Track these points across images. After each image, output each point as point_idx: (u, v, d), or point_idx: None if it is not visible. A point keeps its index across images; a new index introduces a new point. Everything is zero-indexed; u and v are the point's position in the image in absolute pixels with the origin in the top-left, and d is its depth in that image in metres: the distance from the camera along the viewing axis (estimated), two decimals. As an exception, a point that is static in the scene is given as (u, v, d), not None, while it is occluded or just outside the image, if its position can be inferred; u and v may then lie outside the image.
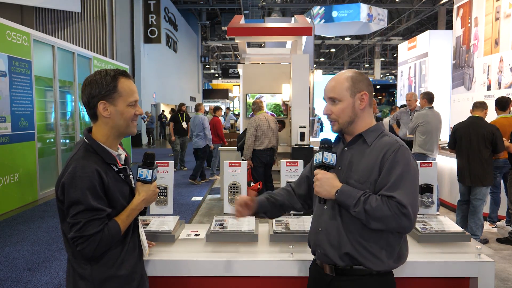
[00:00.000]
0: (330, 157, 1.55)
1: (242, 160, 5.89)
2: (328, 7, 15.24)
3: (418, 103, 6.57)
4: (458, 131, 4.65)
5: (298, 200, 1.82)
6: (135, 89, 1.56)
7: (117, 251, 1.50)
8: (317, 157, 1.57)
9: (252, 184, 5.40)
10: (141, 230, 1.67)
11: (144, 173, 1.55)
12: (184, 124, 9.49)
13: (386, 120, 7.65)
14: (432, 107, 5.67)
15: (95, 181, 1.41)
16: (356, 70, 1.65)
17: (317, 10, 15.21)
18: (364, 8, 14.24)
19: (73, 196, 1.39)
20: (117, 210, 1.50)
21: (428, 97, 5.67)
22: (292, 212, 2.12)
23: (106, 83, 1.48)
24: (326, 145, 1.58)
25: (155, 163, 1.61)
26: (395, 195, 1.43)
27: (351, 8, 14.32)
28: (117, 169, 1.53)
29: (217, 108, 9.58)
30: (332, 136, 1.72)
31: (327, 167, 1.55)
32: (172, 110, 16.67)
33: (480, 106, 4.68)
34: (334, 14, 14.73)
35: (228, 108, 21.02)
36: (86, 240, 1.39)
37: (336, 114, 1.58)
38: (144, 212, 1.65)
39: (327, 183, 1.51)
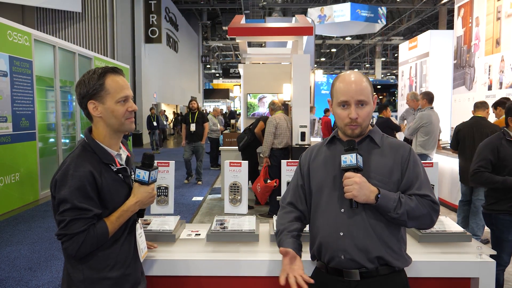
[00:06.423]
0: (361, 160, 1.49)
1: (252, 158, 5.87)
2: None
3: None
4: (461, 132, 4.62)
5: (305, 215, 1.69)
6: (125, 85, 1.52)
7: (110, 252, 1.49)
8: (348, 159, 1.47)
9: (268, 181, 5.41)
10: (139, 231, 1.63)
11: (141, 174, 1.53)
12: (192, 126, 7.43)
13: None
14: (433, 107, 5.66)
15: (85, 181, 1.40)
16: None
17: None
18: (312, 12, 14.34)
19: (62, 193, 1.39)
20: (110, 210, 1.48)
21: (428, 97, 5.66)
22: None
23: (92, 82, 1.47)
24: (354, 145, 1.49)
25: (154, 165, 1.57)
26: (427, 193, 1.48)
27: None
28: (115, 169, 1.51)
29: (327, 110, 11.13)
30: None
31: (356, 169, 1.48)
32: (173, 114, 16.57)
33: (481, 106, 4.65)
34: None
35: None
36: (70, 238, 1.38)
37: (362, 118, 1.51)
38: (142, 213, 1.61)
39: (365, 187, 1.44)
